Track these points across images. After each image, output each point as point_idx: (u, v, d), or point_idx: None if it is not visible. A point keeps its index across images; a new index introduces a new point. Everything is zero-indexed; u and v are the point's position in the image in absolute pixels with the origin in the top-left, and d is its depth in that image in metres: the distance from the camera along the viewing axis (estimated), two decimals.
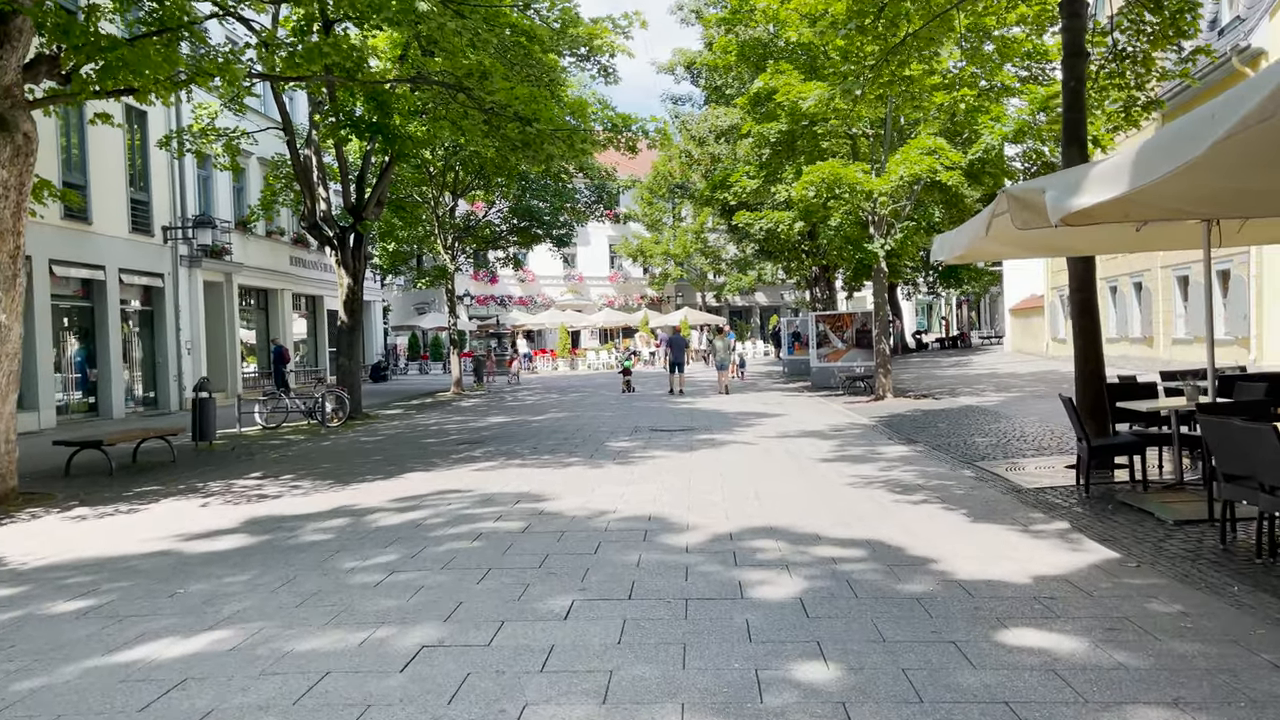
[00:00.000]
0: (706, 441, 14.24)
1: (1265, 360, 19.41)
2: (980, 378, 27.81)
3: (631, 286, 59.07)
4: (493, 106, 14.30)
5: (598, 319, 53.03)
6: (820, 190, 18.51)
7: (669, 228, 56.15)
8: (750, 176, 22.33)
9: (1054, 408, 16.95)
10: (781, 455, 12.42)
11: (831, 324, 27.28)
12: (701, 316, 53.76)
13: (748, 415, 18.74)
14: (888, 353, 21.42)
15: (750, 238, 29.34)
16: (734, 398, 24.20)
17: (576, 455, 12.98)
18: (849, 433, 15.09)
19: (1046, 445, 12.20)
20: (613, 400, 24.73)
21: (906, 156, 17.93)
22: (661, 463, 11.94)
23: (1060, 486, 9.11)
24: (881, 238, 20.45)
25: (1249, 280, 19.74)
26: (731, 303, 61.46)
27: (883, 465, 11.14)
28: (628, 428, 16.79)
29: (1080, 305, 10.23)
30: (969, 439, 13.31)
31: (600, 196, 31.54)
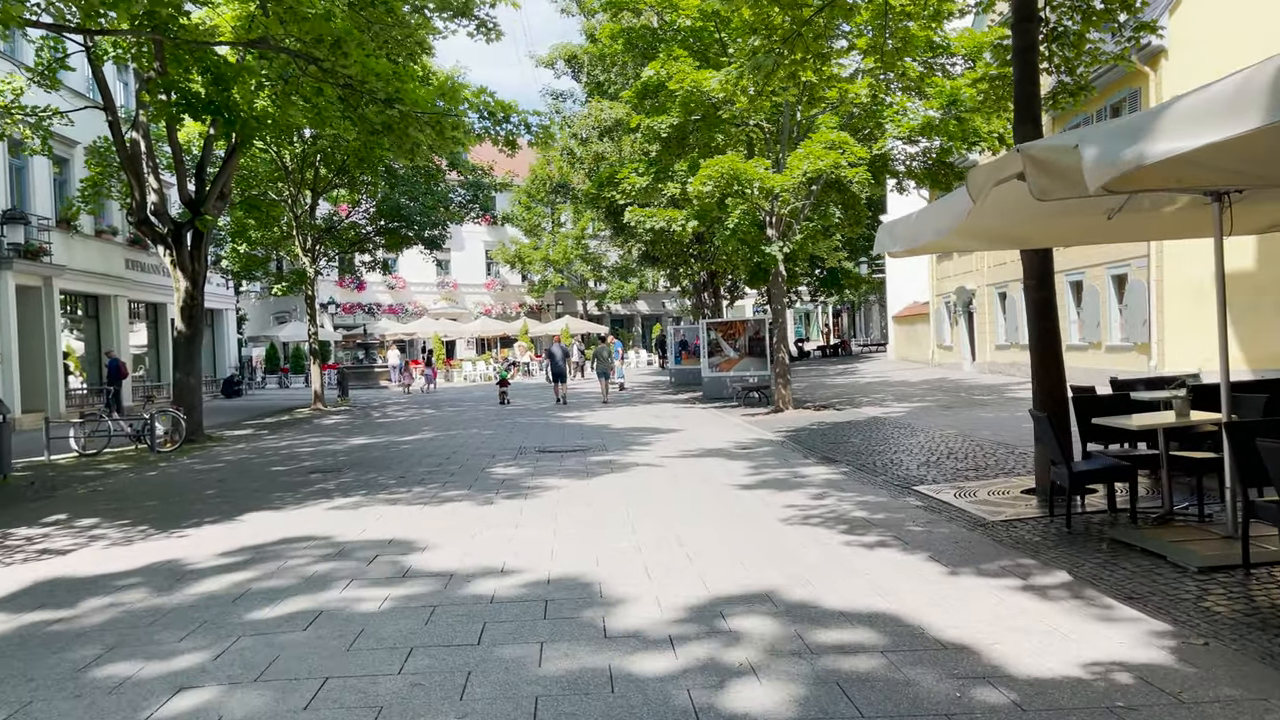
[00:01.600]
0: (605, 465, 12.48)
1: (1166, 367, 19.01)
2: (874, 386, 27.01)
3: (509, 294, 56.85)
4: (349, 82, 12.22)
5: (474, 328, 50.63)
6: (719, 186, 17.06)
7: (548, 233, 54.21)
8: (639, 173, 20.76)
9: (968, 419, 15.93)
10: (694, 481, 10.78)
11: (724, 332, 25.99)
12: (583, 325, 52.04)
13: (643, 431, 17.08)
14: (787, 361, 20.17)
15: (638, 239, 27.79)
16: (625, 410, 22.54)
17: (454, 486, 11.00)
18: (759, 451, 13.60)
19: (984, 465, 10.96)
20: (493, 415, 22.69)
21: (810, 151, 16.66)
22: (556, 494, 10.11)
23: (1030, 519, 7.75)
24: (780, 239, 19.19)
25: (1149, 284, 19.34)
26: (613, 311, 59.96)
27: (812, 493, 9.63)
28: (512, 448, 14.88)
29: (1039, 306, 8.96)
30: (893, 457, 11.98)
31: (475, 196, 29.44)
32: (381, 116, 12.14)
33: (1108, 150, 4.27)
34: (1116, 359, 21.17)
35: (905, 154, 19.19)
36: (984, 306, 29.64)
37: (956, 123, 16.58)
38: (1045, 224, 8.12)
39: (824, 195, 19.83)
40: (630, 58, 21.24)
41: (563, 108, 30.32)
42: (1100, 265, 21.69)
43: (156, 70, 15.59)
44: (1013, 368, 27.28)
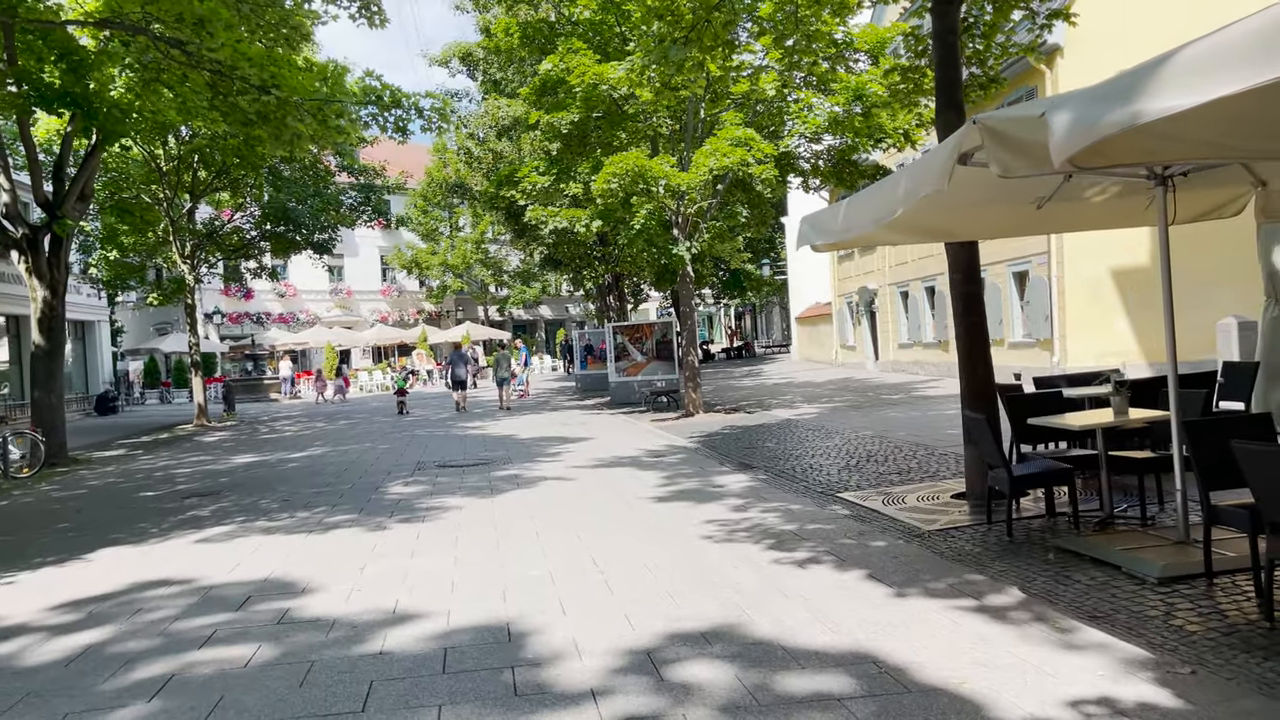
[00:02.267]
0: (510, 479, 11.66)
1: (1069, 363, 19.19)
2: (781, 388, 26.78)
3: (407, 301, 55.13)
4: (218, 68, 11.11)
5: (369, 336, 48.86)
6: (623, 184, 16.40)
7: (446, 237, 52.77)
8: (540, 172, 19.95)
9: (881, 419, 15.64)
10: (606, 494, 10.06)
11: (631, 335, 25.36)
12: (485, 331, 50.81)
13: (550, 440, 16.29)
14: (697, 365, 19.65)
15: (540, 241, 26.94)
16: (530, 419, 21.68)
17: (343, 510, 10.03)
18: (671, 459, 12.97)
19: (906, 468, 10.54)
20: (390, 428, 21.54)
21: (716, 148, 16.15)
22: (457, 516, 9.25)
23: (967, 526, 7.29)
24: (687, 240, 18.66)
25: (1050, 280, 19.50)
26: (516, 316, 58.79)
27: (732, 504, 9.02)
28: (409, 464, 13.90)
29: (966, 301, 8.57)
30: (812, 461, 11.50)
31: (368, 199, 28.10)
32: (256, 105, 11.05)
33: (1084, 115, 3.73)
34: (1020, 355, 21.34)
35: (811, 152, 18.88)
36: (886, 306, 29.80)
37: (862, 119, 16.31)
38: (973, 215, 7.71)
39: (729, 194, 19.39)
40: (528, 53, 20.42)
41: (458, 107, 29.31)
42: (1002, 262, 21.85)
43: (4, 59, 14.09)
44: (916, 366, 27.45)
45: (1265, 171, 6.98)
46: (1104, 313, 19.13)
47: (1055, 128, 3.79)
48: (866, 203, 6.29)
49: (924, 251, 26.51)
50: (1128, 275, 19.09)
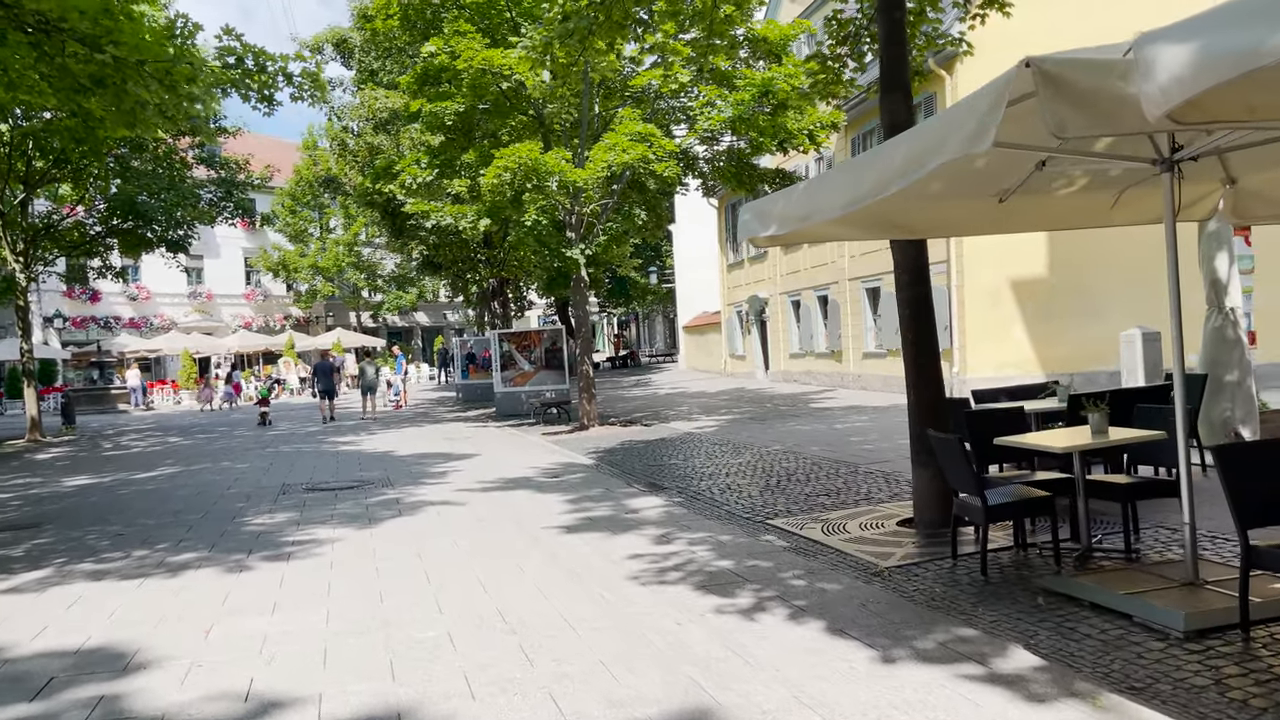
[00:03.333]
0: (390, 505, 10.25)
1: (968, 374, 18.93)
2: (674, 398, 25.93)
3: (273, 305, 52.02)
4: (42, 20, 9.36)
5: (231, 343, 45.72)
6: (516, 179, 15.15)
7: (316, 239, 50.03)
8: (421, 165, 18.47)
9: (786, 433, 14.83)
10: (505, 523, 8.81)
11: (518, 343, 24.02)
12: (357, 338, 48.34)
13: (433, 458, 14.86)
14: (591, 374, 18.51)
15: (420, 241, 25.34)
16: (410, 432, 20.10)
17: (191, 546, 8.45)
18: (571, 478, 11.80)
19: (833, 489, 9.68)
20: (251, 442, 19.58)
21: (616, 142, 15.10)
22: (330, 553, 7.84)
23: (928, 561, 6.40)
24: (581, 242, 17.54)
25: (950, 291, 19.22)
26: (390, 323, 56.35)
27: (652, 534, 7.93)
28: (273, 486, 12.27)
29: (915, 304, 7.78)
30: (728, 481, 10.54)
31: (229, 194, 25.83)
32: (89, 67, 9.33)
33: (1177, 62, 2.80)
34: None
35: (713, 152, 18.04)
36: (777, 315, 29.37)
37: (768, 117, 15.55)
38: (930, 209, 6.85)
39: (625, 195, 18.39)
40: (410, 37, 18.90)
41: (330, 98, 27.35)
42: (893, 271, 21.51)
43: None
44: (808, 376, 27.06)
45: (1238, 168, 6.33)
46: (1002, 323, 18.97)
47: (1157, 67, 2.85)
48: (842, 180, 5.31)
49: (817, 260, 26.16)
50: (1026, 285, 18.99)
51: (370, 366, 28.60)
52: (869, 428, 15.07)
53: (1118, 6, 18.08)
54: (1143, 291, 18.81)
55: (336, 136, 27.54)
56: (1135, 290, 18.82)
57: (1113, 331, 18.98)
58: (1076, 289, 18.92)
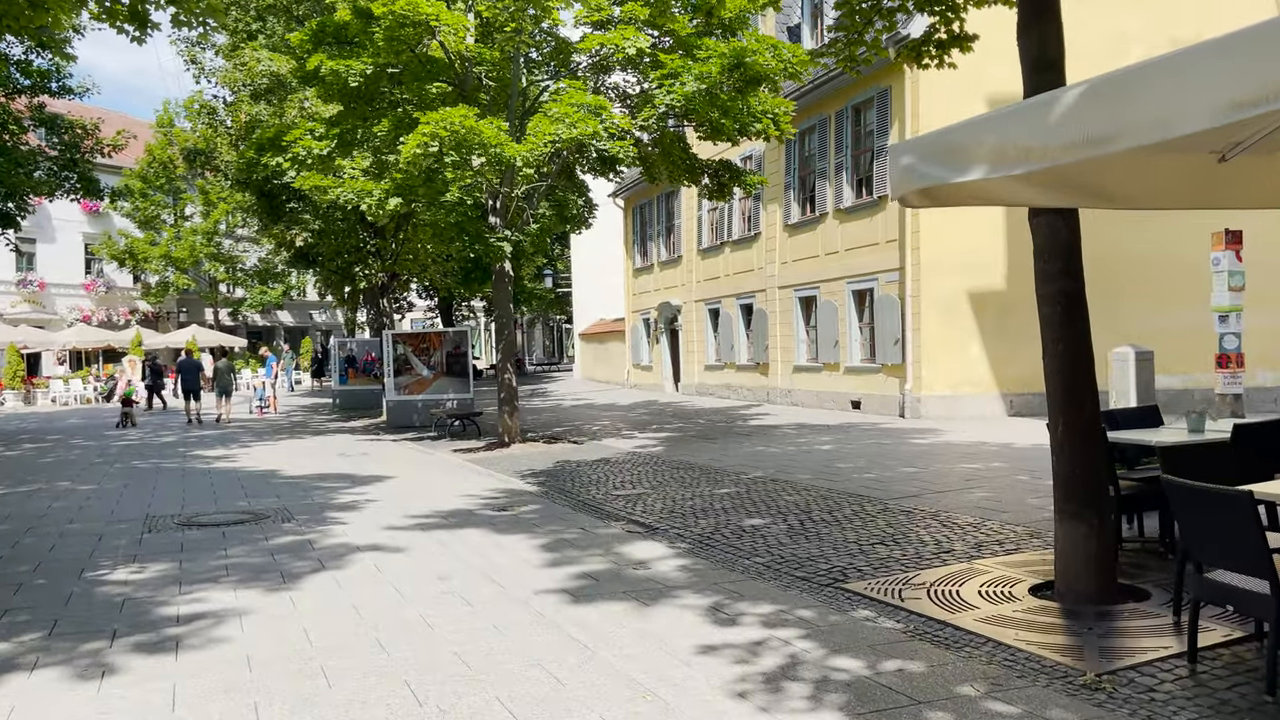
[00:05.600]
0: (301, 550, 7.71)
1: (925, 391, 17.52)
2: (584, 411, 23.76)
3: (117, 298, 46.85)
4: None
5: (67, 337, 40.70)
6: (444, 147, 12.70)
7: (170, 226, 45.34)
8: (317, 136, 15.73)
9: (753, 456, 12.87)
10: (482, 587, 6.45)
11: (415, 346, 21.33)
12: (214, 336, 43.94)
13: (335, 480, 12.21)
14: (514, 384, 16.12)
15: (303, 227, 22.31)
16: (294, 445, 17.19)
17: (20, 625, 5.74)
18: (525, 513, 9.50)
19: (886, 535, 7.75)
20: (95, 454, 16.28)
21: (565, 113, 12.87)
22: (240, 640, 5.31)
23: (1158, 667, 4.47)
24: (507, 229, 15.19)
25: (905, 300, 17.78)
26: (250, 321, 51.87)
27: (699, 609, 5.77)
28: (134, 519, 9.46)
29: (1065, 302, 5.97)
30: (736, 523, 8.49)
31: (72, 162, 22.13)
32: None
33: None
34: (859, 383, 19.57)
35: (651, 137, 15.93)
36: (691, 324, 27.59)
37: (735, 95, 13.63)
38: (1129, 167, 5.00)
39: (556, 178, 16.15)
40: None
41: (202, 58, 23.94)
42: (839, 279, 20.05)
43: None
44: (726, 390, 25.36)
45: None
46: (959, 338, 17.66)
47: None
48: (1061, 118, 3.31)
49: (741, 266, 24.52)
50: (983, 298, 17.74)
51: (228, 366, 25.44)
52: (845, 451, 13.32)
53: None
54: (1107, 305, 17.88)
55: (206, 105, 24.15)
56: (1098, 304, 17.83)
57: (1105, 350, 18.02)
58: (1032, 303, 17.78)
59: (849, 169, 19.92)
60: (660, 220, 30.00)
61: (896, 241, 18.14)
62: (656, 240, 30.33)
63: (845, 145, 20.00)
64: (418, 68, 15.46)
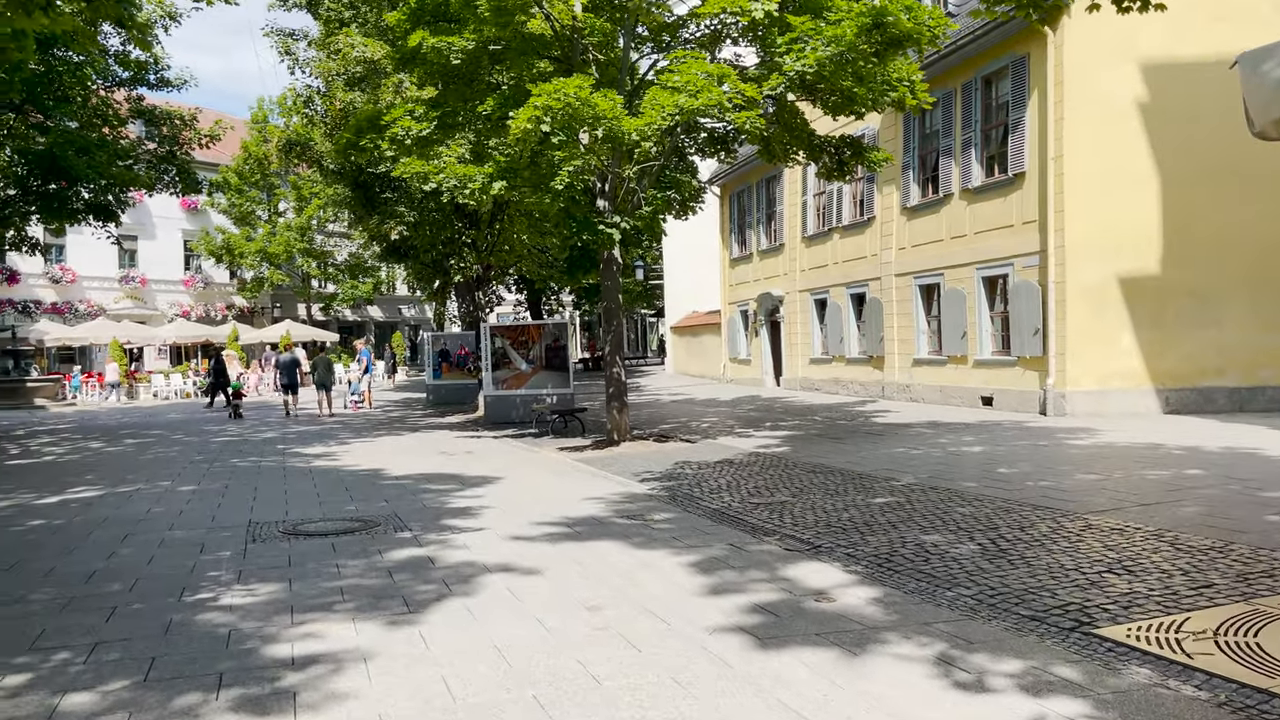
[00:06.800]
0: (421, 568, 6.80)
1: (1069, 386, 15.97)
2: (686, 407, 22.70)
3: (215, 293, 47.57)
4: None
5: (167, 333, 41.36)
6: (555, 122, 11.74)
7: (265, 222, 45.75)
8: (416, 117, 14.97)
9: (889, 459, 11.59)
10: (639, 621, 5.41)
11: (513, 339, 20.53)
12: (307, 331, 44.20)
13: (442, 482, 11.38)
14: (623, 379, 15.15)
15: (398, 219, 21.72)
16: (393, 443, 16.53)
17: (114, 664, 4.91)
18: (661, 524, 8.46)
19: (1103, 560, 6.48)
20: (195, 450, 15.85)
21: (688, 80, 11.77)
22: (367, 695, 4.34)
23: None
24: (616, 213, 14.19)
25: (1046, 287, 16.24)
26: (342, 317, 52.20)
27: (925, 661, 4.63)
28: (236, 527, 8.71)
29: None
30: (905, 535, 7.31)
31: (171, 153, 21.94)
32: None
33: None
34: (991, 377, 18.05)
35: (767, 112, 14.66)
36: (795, 315, 26.26)
37: (873, 61, 12.35)
38: None
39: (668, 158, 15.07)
40: None
41: (295, 49, 23.60)
42: (968, 265, 18.54)
43: None
44: (834, 384, 24.00)
45: None
46: (1109, 327, 16.04)
47: None
48: None
49: (852, 253, 23.12)
50: (1136, 283, 16.07)
51: (326, 360, 25.28)
52: (999, 454, 11.96)
53: None
54: (1267, 293, 16.10)
55: (299, 96, 23.79)
56: (1258, 292, 16.07)
57: (1231, 340, 16.25)
58: (1190, 290, 16.09)
59: (978, 145, 18.39)
60: (760, 207, 28.72)
61: (1036, 223, 16.59)
62: (756, 228, 29.06)
63: (974, 120, 18.47)
64: (521, 43, 14.59)
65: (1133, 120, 16.12)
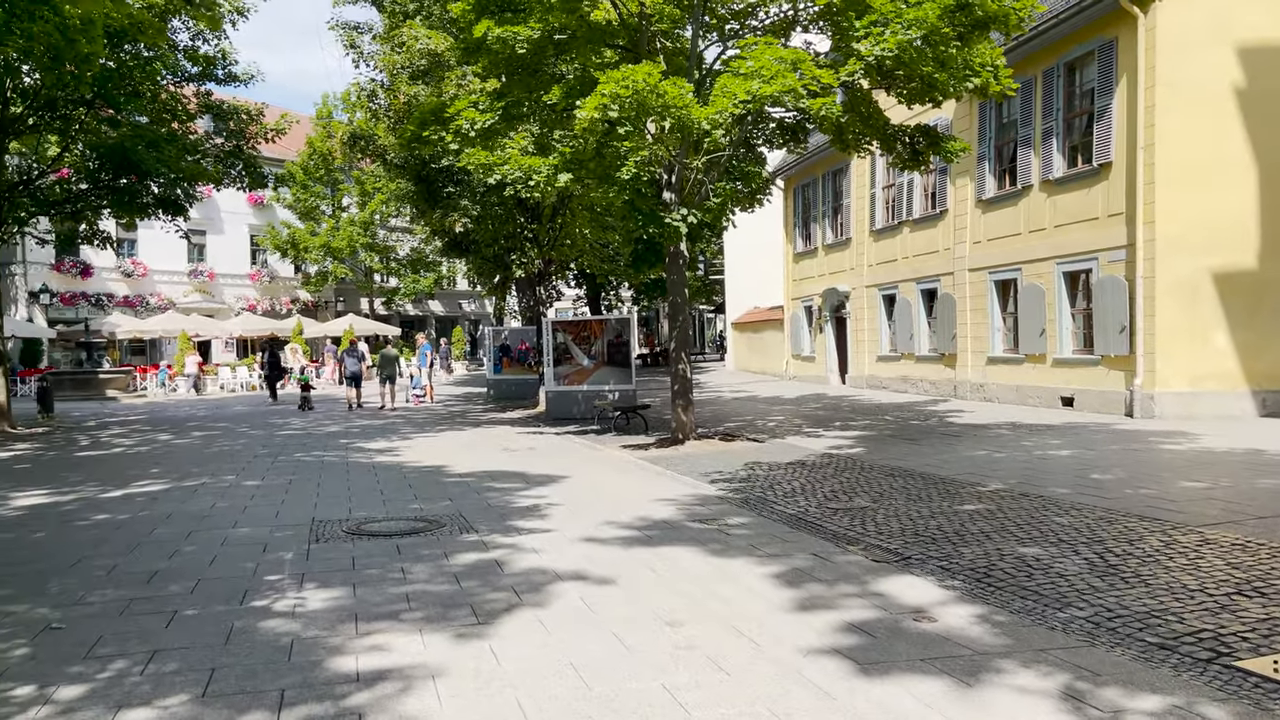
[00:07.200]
0: (488, 573, 6.49)
1: (1159, 387, 15.17)
2: (749, 405, 22.21)
3: (280, 287, 48.23)
4: None
5: (234, 326, 41.98)
6: (623, 110, 11.37)
7: (329, 217, 46.22)
8: (481, 109, 14.74)
9: (979, 464, 10.98)
10: (717, 633, 5.02)
11: (575, 334, 20.26)
12: (370, 325, 44.53)
13: (507, 479, 11.11)
14: (689, 375, 14.76)
15: (461, 213, 21.59)
16: (456, 437, 16.36)
17: (171, 674, 4.67)
18: (734, 528, 8.06)
19: (1230, 580, 5.93)
20: (259, 444, 15.85)
21: (761, 65, 11.32)
22: (437, 716, 4.08)
23: None
24: (684, 205, 13.78)
25: (1134, 282, 15.45)
26: (403, 311, 52.56)
27: (1019, 683, 4.21)
28: (299, 525, 8.52)
29: None
30: (1002, 547, 6.81)
31: (239, 148, 22.09)
32: None
33: None
34: (1071, 376, 17.28)
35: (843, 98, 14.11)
36: (862, 311, 25.59)
37: (957, 44, 11.76)
38: None
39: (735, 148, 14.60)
40: None
41: (360, 42, 23.62)
42: (1047, 260, 17.77)
43: None
44: (903, 382, 23.31)
45: None
46: (1201, 325, 15.21)
47: None
48: None
49: (923, 247, 22.41)
50: (1231, 279, 15.20)
51: (391, 355, 25.39)
52: (1090, 458, 11.32)
53: None
54: None
55: (364, 90, 23.81)
56: None
57: None
58: None
59: (1059, 135, 17.60)
60: (826, 200, 28.07)
61: (1123, 215, 15.79)
62: (821, 222, 28.41)
63: (1055, 108, 17.68)
64: (587, 32, 14.27)
65: (1228, 107, 15.24)
